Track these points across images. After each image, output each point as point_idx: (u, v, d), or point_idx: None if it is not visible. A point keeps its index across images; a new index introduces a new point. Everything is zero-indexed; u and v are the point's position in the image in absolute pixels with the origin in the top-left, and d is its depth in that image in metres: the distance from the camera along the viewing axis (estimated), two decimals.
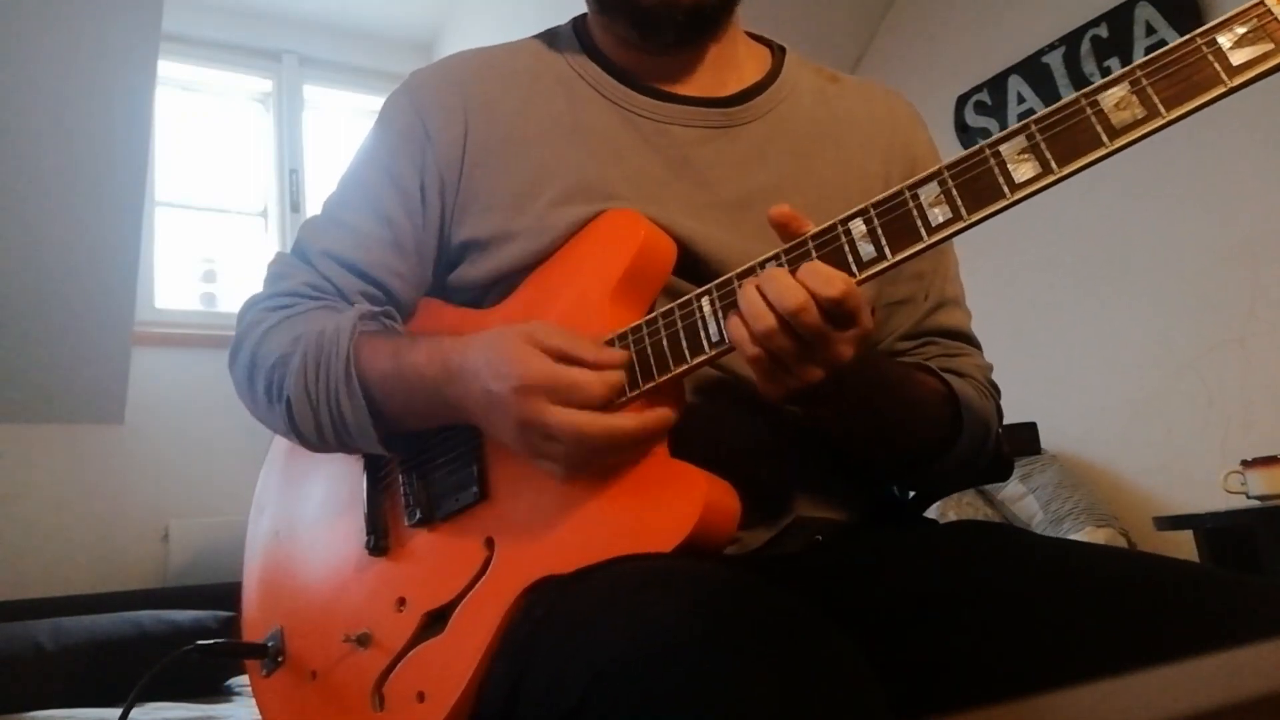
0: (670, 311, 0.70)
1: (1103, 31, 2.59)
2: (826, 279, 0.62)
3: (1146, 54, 0.57)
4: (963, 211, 0.61)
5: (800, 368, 0.64)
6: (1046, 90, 2.72)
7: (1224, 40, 0.55)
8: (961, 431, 0.80)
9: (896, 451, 0.81)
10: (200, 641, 0.91)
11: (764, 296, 0.63)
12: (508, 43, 0.93)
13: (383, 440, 0.78)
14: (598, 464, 0.69)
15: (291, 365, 0.79)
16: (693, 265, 0.79)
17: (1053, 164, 0.58)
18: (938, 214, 0.61)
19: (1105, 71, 2.56)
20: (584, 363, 0.69)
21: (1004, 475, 0.90)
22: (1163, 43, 2.36)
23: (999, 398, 0.89)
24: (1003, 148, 0.60)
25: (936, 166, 0.63)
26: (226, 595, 1.00)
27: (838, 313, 0.62)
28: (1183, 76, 0.55)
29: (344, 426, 0.77)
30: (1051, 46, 2.70)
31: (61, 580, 2.29)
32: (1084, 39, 2.63)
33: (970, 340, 0.91)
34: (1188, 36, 0.56)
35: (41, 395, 2.39)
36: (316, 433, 0.79)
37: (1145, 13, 2.48)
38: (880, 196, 0.64)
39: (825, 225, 0.65)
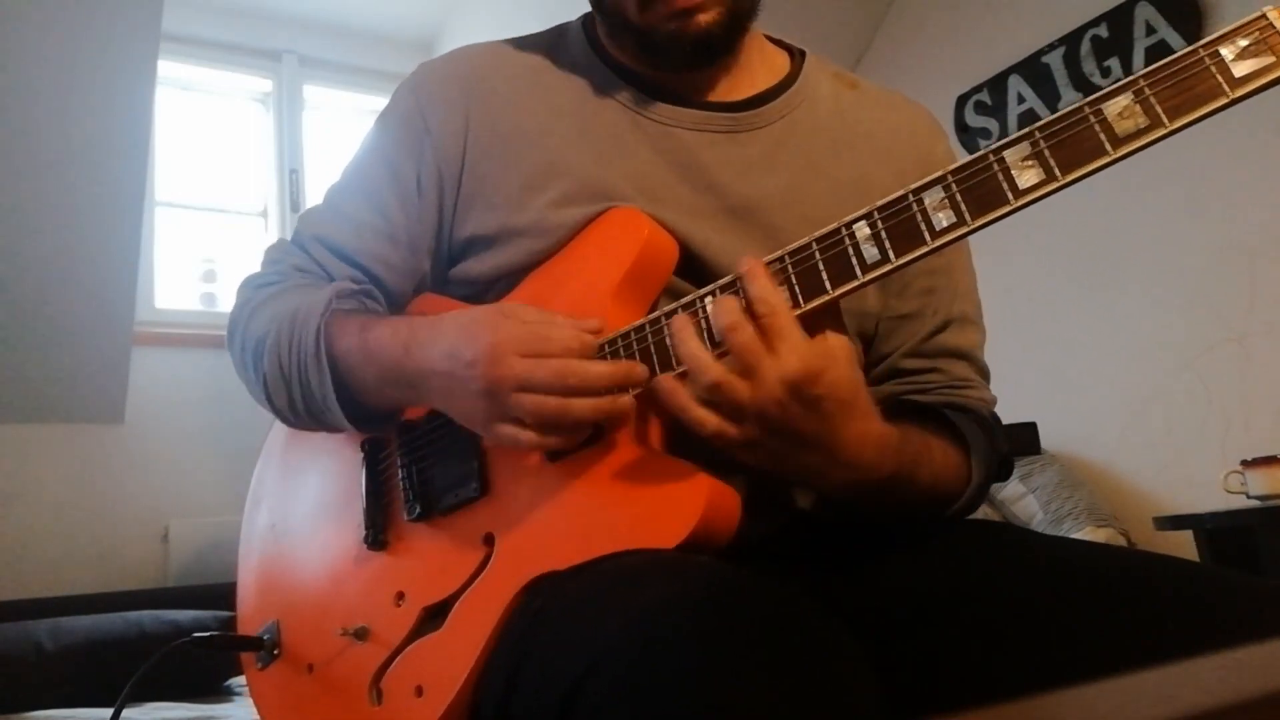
0: (674, 310, 0.70)
1: (1103, 31, 2.58)
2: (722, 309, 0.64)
3: (1147, 55, 0.57)
4: (966, 216, 0.61)
5: (750, 401, 0.62)
6: (1046, 90, 2.72)
7: (1226, 52, 0.55)
8: (970, 483, 0.80)
9: (909, 515, 0.79)
10: (196, 634, 0.91)
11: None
12: (517, 37, 0.92)
13: (349, 416, 0.78)
14: (569, 427, 0.68)
15: (269, 341, 0.80)
16: (695, 269, 0.79)
17: (1056, 171, 0.58)
18: (941, 218, 0.62)
19: (1105, 71, 2.56)
20: (558, 323, 0.70)
21: (1004, 475, 0.90)
22: (1163, 43, 2.39)
23: (1000, 432, 0.86)
24: (1007, 154, 0.60)
25: (940, 172, 0.62)
26: (227, 595, 1.00)
27: (756, 315, 0.63)
28: (1186, 87, 0.56)
29: (313, 400, 0.79)
30: (1051, 46, 2.70)
31: (61, 580, 2.29)
32: (1084, 39, 2.63)
33: (976, 363, 0.88)
34: (1191, 48, 0.56)
35: (41, 395, 2.39)
36: (290, 407, 0.81)
37: (1145, 13, 2.48)
38: (884, 200, 0.64)
39: (829, 228, 0.65)
